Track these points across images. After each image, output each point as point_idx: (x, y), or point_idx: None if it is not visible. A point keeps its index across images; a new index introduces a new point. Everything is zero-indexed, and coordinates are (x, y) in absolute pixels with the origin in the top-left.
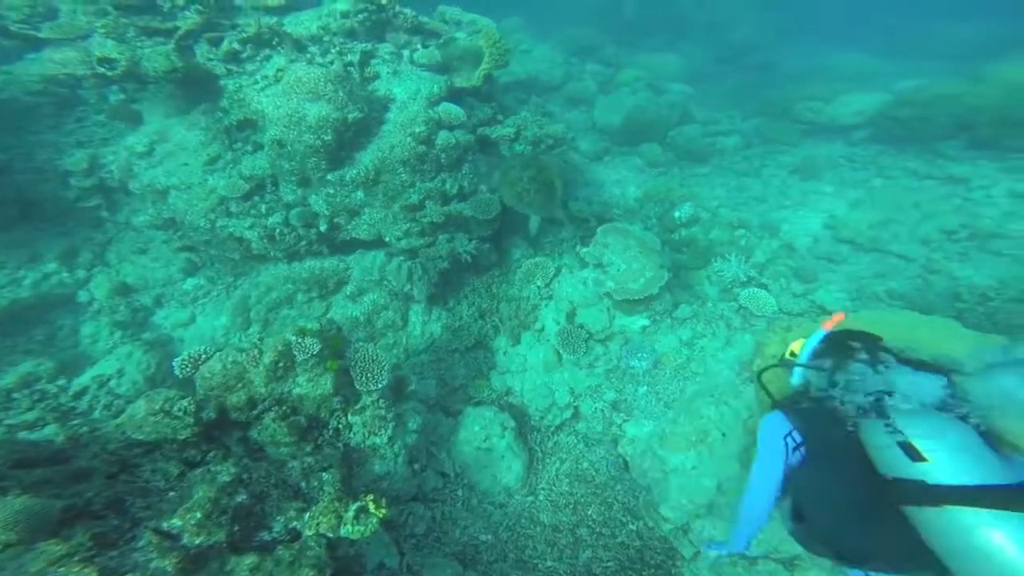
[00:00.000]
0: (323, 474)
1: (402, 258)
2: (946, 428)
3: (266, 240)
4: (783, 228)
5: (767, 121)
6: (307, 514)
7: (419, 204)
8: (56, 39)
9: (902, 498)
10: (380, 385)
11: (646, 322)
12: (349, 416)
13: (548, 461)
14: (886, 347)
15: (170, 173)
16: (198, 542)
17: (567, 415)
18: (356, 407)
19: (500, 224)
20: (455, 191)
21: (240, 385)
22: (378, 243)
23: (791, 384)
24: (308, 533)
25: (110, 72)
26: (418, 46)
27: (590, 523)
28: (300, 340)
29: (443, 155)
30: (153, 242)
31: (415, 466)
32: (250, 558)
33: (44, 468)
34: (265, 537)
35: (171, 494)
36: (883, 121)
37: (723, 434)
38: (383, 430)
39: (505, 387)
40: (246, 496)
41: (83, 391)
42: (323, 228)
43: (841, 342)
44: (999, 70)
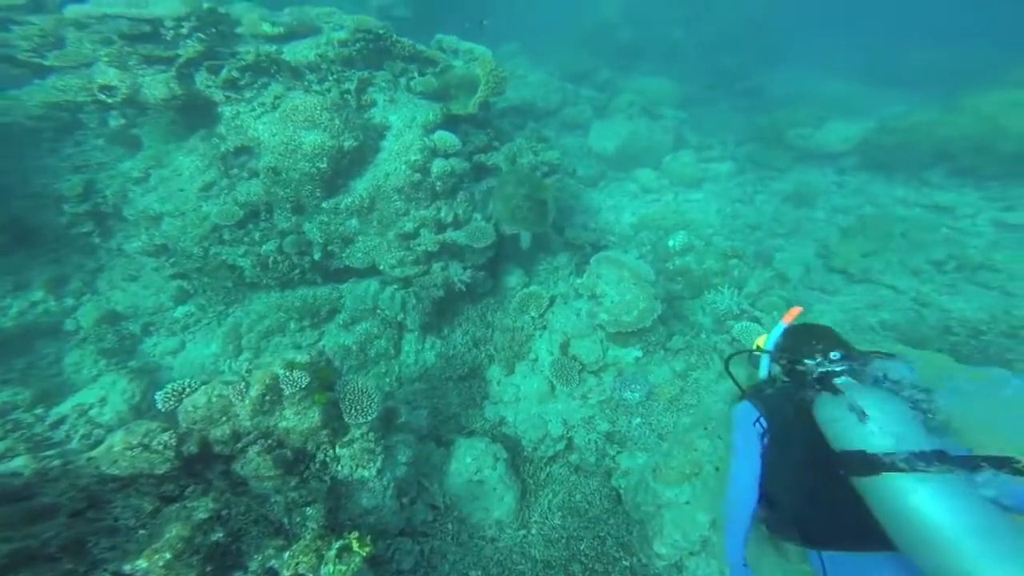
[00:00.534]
0: (307, 509)
1: (395, 287)
2: (883, 400)
3: (259, 268)
4: (776, 257)
5: (759, 147)
6: (287, 553)
7: (414, 232)
8: (61, 67)
9: (849, 470)
10: (369, 418)
11: (639, 354)
12: (337, 449)
13: (541, 493)
14: (840, 337)
15: (165, 199)
16: None
17: (560, 446)
18: (344, 439)
19: (495, 251)
20: (450, 219)
21: (225, 418)
22: (372, 271)
23: (760, 377)
24: (286, 574)
25: (110, 99)
26: (415, 74)
27: (583, 559)
28: (288, 373)
29: (438, 183)
30: (145, 269)
31: (404, 499)
32: None
33: (1, 507)
34: None
35: (141, 532)
36: (869, 149)
37: (716, 468)
38: (372, 463)
39: (498, 417)
40: (223, 534)
41: (61, 420)
42: (317, 256)
43: (799, 334)
44: (969, 101)
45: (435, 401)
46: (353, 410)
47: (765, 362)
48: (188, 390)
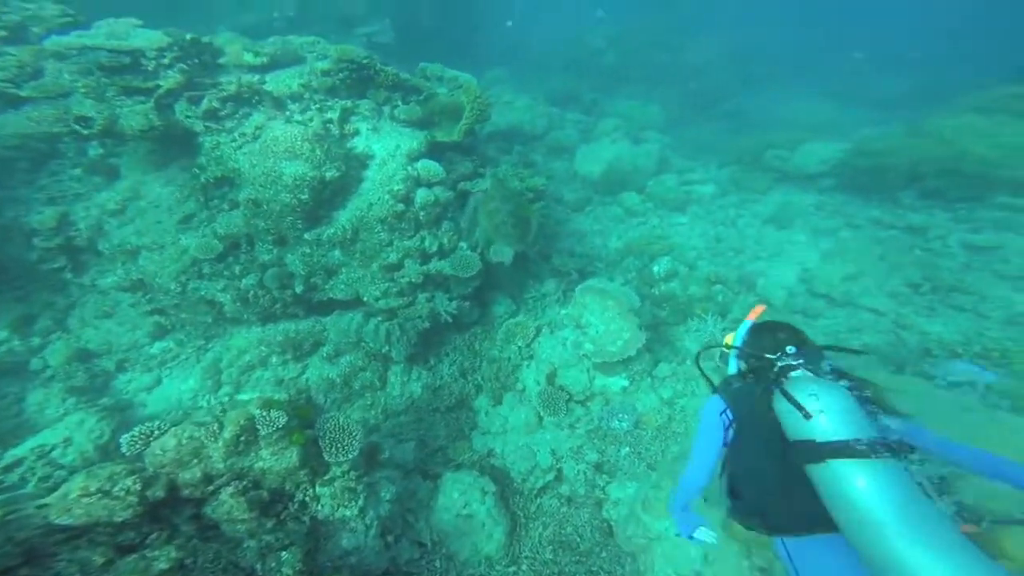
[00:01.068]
0: (283, 553)
1: (380, 319)
2: (827, 390)
3: (239, 303)
4: (759, 283)
5: (740, 169)
6: None
7: (398, 263)
8: (37, 97)
9: (800, 458)
10: (351, 456)
11: (626, 383)
12: (317, 487)
13: (531, 526)
14: (800, 333)
15: (142, 232)
16: None
17: (550, 477)
18: (325, 478)
19: (481, 280)
20: (435, 249)
21: (196, 461)
22: (356, 303)
23: (728, 372)
24: None
25: (86, 130)
26: (399, 102)
27: None
28: (265, 413)
29: (422, 213)
30: (120, 305)
31: (389, 538)
32: None
33: None
34: None
35: None
36: (845, 171)
37: (705, 499)
38: (353, 501)
39: (487, 449)
40: None
41: (17, 463)
42: (299, 289)
43: (763, 330)
44: (931, 124)
45: (422, 433)
46: (333, 448)
47: (733, 358)
48: (157, 432)
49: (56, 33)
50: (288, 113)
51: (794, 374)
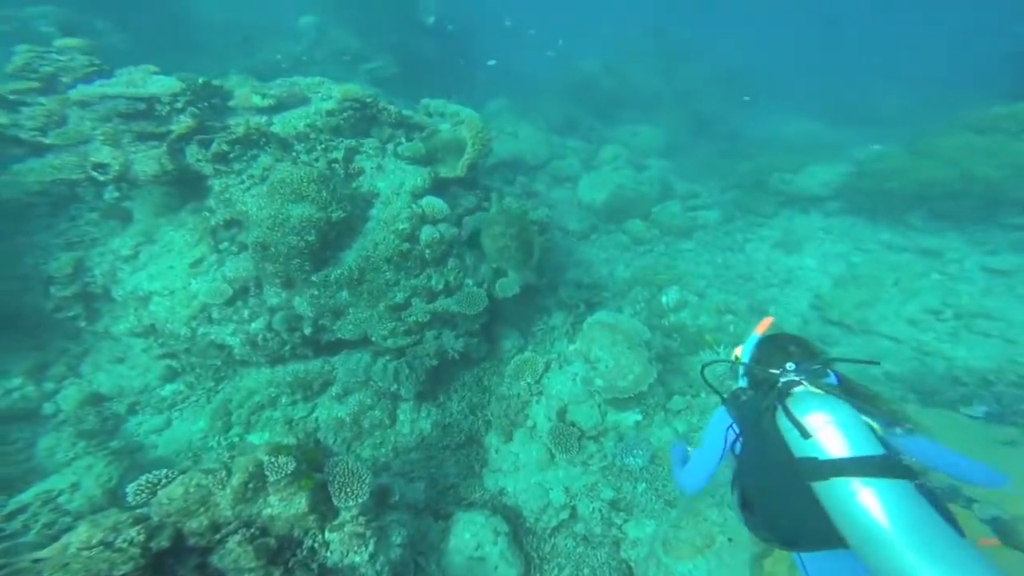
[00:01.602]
0: None
1: (388, 358)
2: (830, 407)
3: (248, 346)
4: (771, 311)
5: (744, 193)
6: None
7: (404, 303)
8: (60, 145)
9: (805, 475)
10: (360, 500)
11: (639, 417)
12: (326, 533)
13: (546, 568)
14: (809, 345)
15: (153, 277)
16: None
17: (564, 516)
18: (334, 523)
19: (489, 316)
20: (441, 287)
21: (203, 509)
22: (364, 342)
23: (738, 386)
24: None
25: (102, 176)
26: (402, 139)
27: None
28: (273, 460)
29: (427, 251)
30: (132, 350)
31: None
32: None
33: None
34: None
35: None
36: (850, 193)
37: (729, 539)
38: (363, 547)
39: (498, 487)
40: None
41: (21, 509)
42: (307, 331)
43: (769, 344)
44: (930, 144)
45: (432, 471)
46: (343, 493)
47: (741, 372)
48: (164, 481)
49: (82, 82)
50: (295, 154)
51: (797, 390)
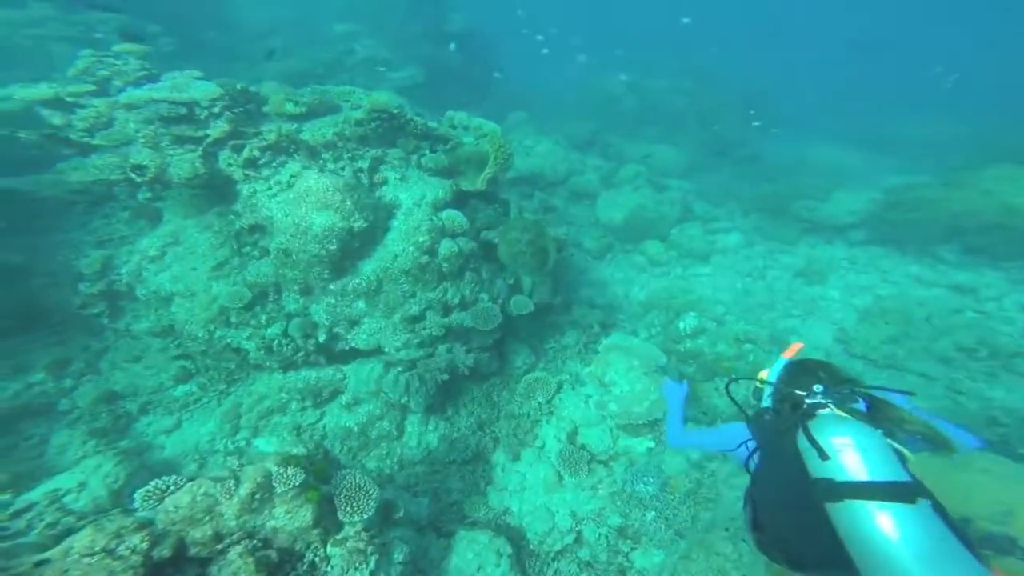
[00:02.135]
0: None
1: (399, 369)
2: (852, 430)
3: (263, 351)
4: (793, 340)
5: (765, 217)
6: None
7: (420, 315)
8: (104, 146)
9: (820, 496)
10: (366, 516)
11: (652, 444)
12: (328, 547)
13: None
14: (836, 370)
15: (176, 278)
16: None
17: (568, 540)
18: (337, 537)
19: (502, 332)
20: (456, 301)
21: (208, 518)
22: (377, 352)
23: (761, 406)
24: None
25: (139, 178)
26: (426, 151)
27: None
28: (282, 470)
29: (445, 264)
30: (149, 349)
31: None
32: None
33: None
34: None
35: None
36: (877, 222)
37: None
38: (364, 564)
39: (503, 506)
40: None
41: (28, 508)
42: (322, 338)
43: (797, 368)
44: (968, 175)
45: (436, 485)
46: (349, 507)
47: (767, 393)
48: (172, 488)
49: (132, 86)
50: (322, 162)
51: (822, 412)
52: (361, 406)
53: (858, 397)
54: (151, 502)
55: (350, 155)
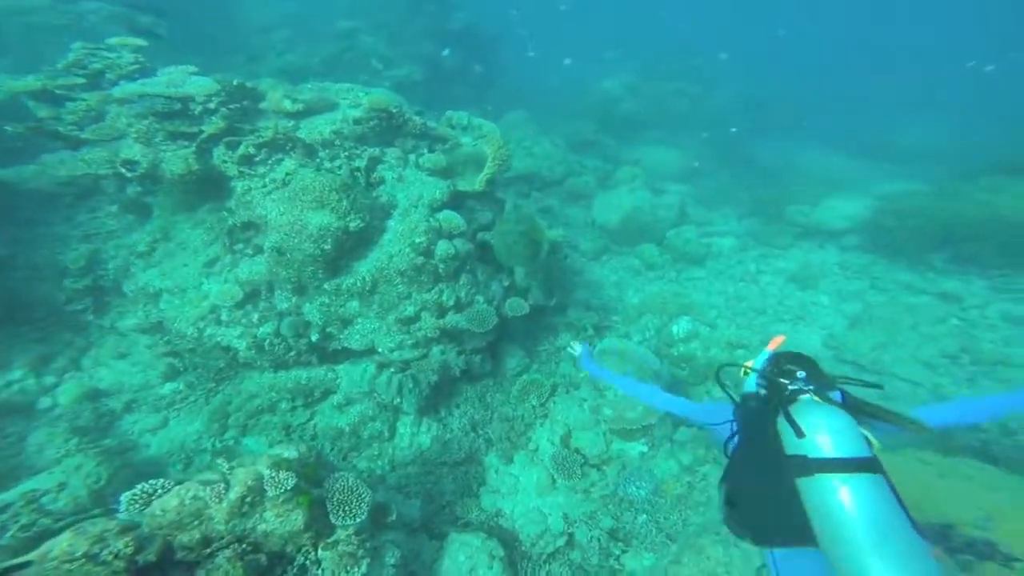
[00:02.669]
0: None
1: (392, 370)
2: (829, 415)
3: (254, 350)
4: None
5: (760, 222)
6: None
7: (415, 316)
8: (94, 140)
9: (793, 471)
10: (358, 520)
11: (644, 448)
12: (319, 551)
13: None
14: (814, 363)
15: (166, 275)
16: None
17: (560, 543)
18: (328, 540)
19: (497, 334)
20: (452, 303)
21: (196, 522)
22: (370, 352)
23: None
24: None
25: (130, 173)
26: (424, 151)
27: None
28: (274, 474)
29: (441, 265)
30: (136, 346)
31: None
32: None
33: None
34: None
35: None
36: (870, 229)
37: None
38: (355, 568)
39: (495, 508)
40: None
41: (3, 509)
42: (314, 338)
43: (781, 358)
44: (959, 184)
45: (429, 487)
46: (341, 511)
47: (752, 380)
48: (160, 491)
49: (126, 80)
50: (318, 160)
51: (802, 398)
52: (353, 407)
53: (835, 387)
54: (137, 506)
55: (347, 154)
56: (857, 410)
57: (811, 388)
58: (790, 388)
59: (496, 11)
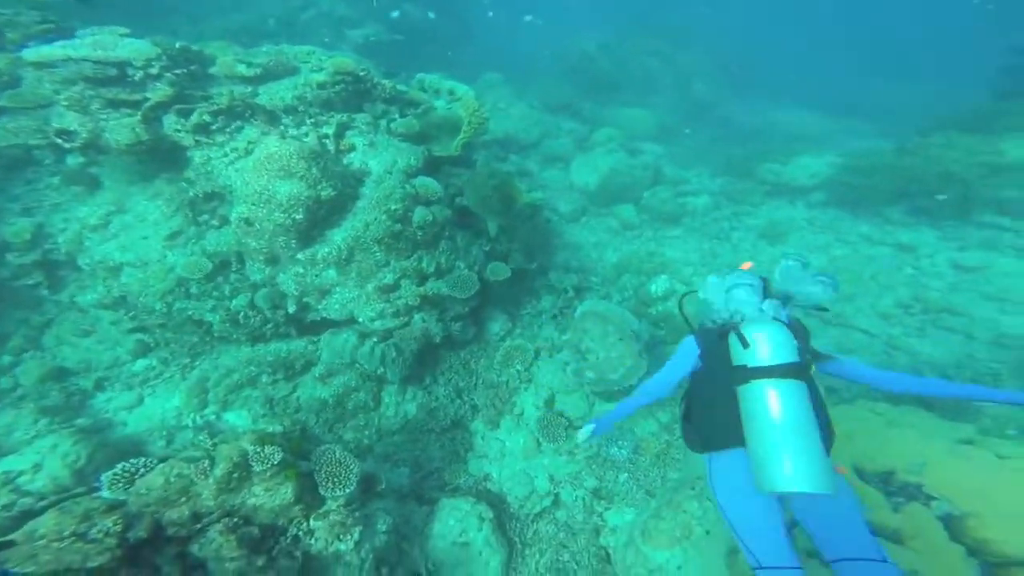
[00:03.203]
0: None
1: (375, 340)
2: (773, 328)
3: (229, 323)
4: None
5: (732, 181)
6: None
7: (394, 284)
8: (14, 108)
9: (734, 380)
10: (348, 490)
11: None
12: (311, 521)
13: (527, 553)
14: (770, 284)
15: (126, 248)
16: None
17: (547, 503)
18: (320, 511)
19: (479, 300)
20: (432, 269)
21: (184, 499)
22: (350, 322)
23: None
24: None
25: (67, 144)
26: (395, 115)
27: None
28: (259, 450)
29: (419, 232)
30: (100, 322)
31: (384, 569)
32: None
33: None
34: None
35: None
36: (835, 185)
37: (707, 531)
38: (349, 536)
39: (483, 473)
40: None
41: None
42: (291, 309)
43: (739, 278)
44: (921, 143)
45: (416, 454)
46: (330, 482)
47: (711, 302)
48: (143, 470)
49: (36, 41)
50: (282, 127)
51: (750, 313)
52: (336, 378)
53: (785, 306)
54: (120, 485)
55: (313, 120)
56: (796, 333)
57: (763, 308)
58: (745, 309)
59: None
